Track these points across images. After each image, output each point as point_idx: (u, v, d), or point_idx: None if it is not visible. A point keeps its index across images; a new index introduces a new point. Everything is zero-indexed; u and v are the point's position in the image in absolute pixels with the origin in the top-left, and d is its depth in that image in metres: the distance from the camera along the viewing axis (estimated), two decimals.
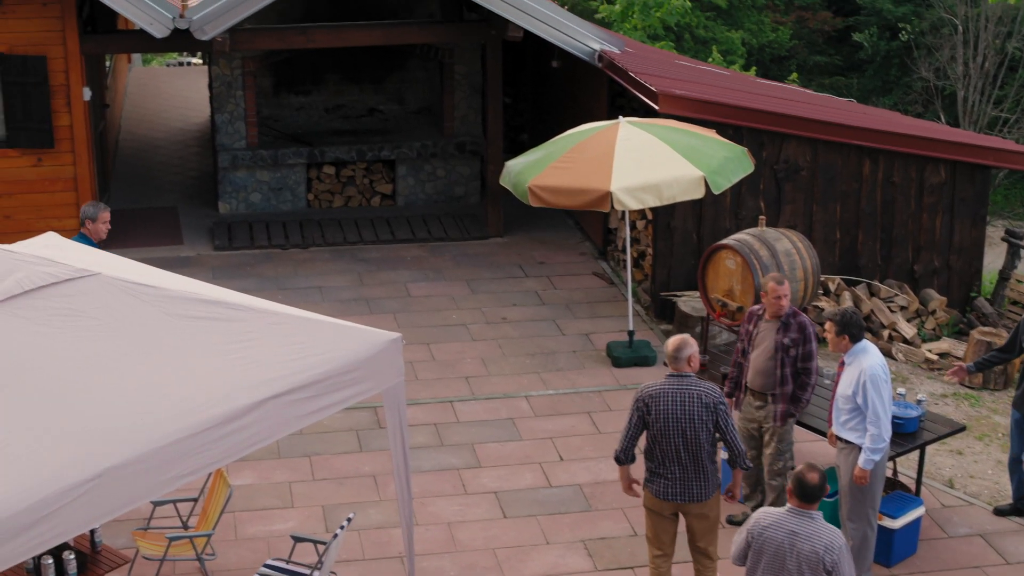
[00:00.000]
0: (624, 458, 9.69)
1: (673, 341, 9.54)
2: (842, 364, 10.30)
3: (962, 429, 11.60)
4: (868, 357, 10.13)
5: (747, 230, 12.32)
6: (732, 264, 11.99)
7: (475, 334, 15.14)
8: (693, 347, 9.54)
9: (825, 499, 10.94)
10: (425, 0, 18.92)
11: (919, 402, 11.45)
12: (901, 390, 11.85)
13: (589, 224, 17.82)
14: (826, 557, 8.00)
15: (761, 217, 13.35)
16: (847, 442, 10.27)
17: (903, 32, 40.13)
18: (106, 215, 11.80)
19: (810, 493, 8.15)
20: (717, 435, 9.55)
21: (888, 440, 10.16)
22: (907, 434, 11.12)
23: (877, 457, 10.10)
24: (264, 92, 19.03)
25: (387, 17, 18.64)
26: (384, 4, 18.75)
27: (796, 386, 10.72)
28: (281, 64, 18.94)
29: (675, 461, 9.52)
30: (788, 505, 8.24)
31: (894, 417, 10.92)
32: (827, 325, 10.23)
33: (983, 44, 38.30)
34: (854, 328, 10.16)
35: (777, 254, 11.89)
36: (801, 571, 8.07)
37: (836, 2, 44.11)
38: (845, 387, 10.20)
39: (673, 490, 9.58)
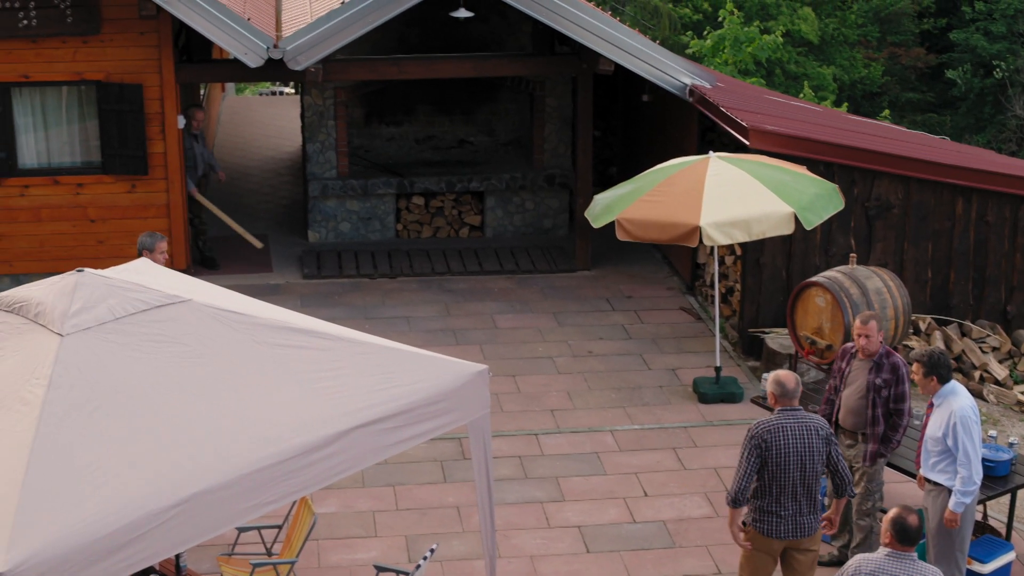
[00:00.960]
0: (742, 499, 9.57)
1: (787, 376, 9.49)
2: (931, 406, 10.17)
3: None
4: (957, 398, 9.99)
5: (837, 268, 12.21)
6: (822, 302, 11.88)
7: (561, 367, 15.12)
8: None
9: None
10: (516, 33, 18.98)
11: (1011, 445, 11.27)
12: (992, 432, 11.67)
13: (677, 259, 17.76)
14: None
15: (852, 255, 13.23)
16: (936, 484, 10.12)
17: (997, 69, 39.75)
18: (163, 245, 11.88)
19: (911, 535, 8.08)
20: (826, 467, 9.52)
21: (979, 483, 10.00)
22: (998, 477, 10.94)
23: (967, 500, 9.95)
24: (355, 122, 19.17)
25: (478, 49, 18.73)
26: (475, 36, 18.84)
27: (887, 427, 10.60)
28: (373, 95, 19.07)
29: (791, 496, 9.48)
30: (886, 549, 8.13)
31: (985, 460, 10.76)
32: (915, 366, 10.11)
33: None
34: (942, 369, 10.03)
35: (868, 292, 11.77)
36: None
37: (929, 39, 43.80)
38: (934, 429, 10.06)
39: (785, 527, 9.53)
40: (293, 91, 29.97)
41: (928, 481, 10.21)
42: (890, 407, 10.59)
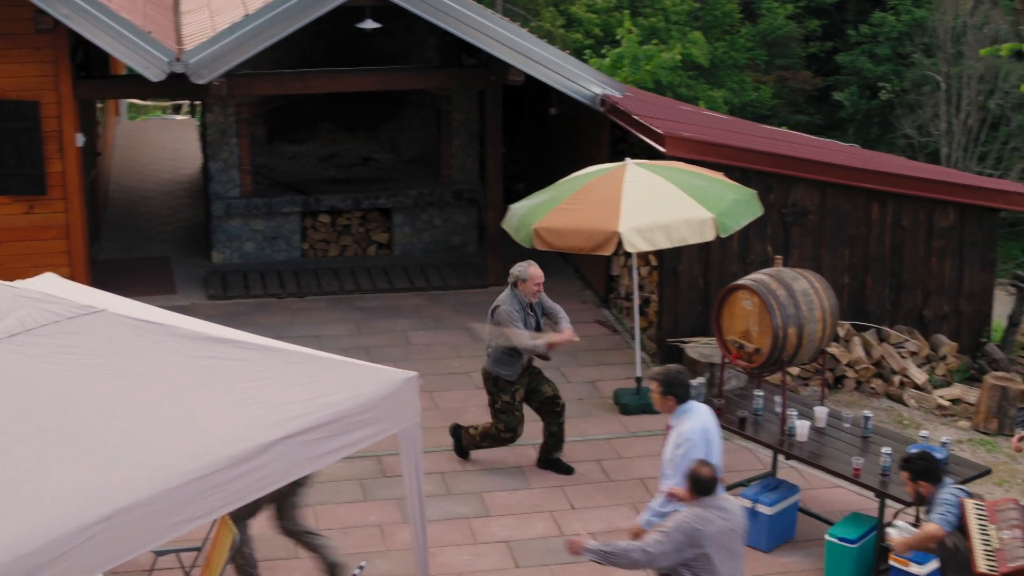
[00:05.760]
0: None
1: None
2: (669, 427, 9.82)
3: (988, 472, 11.29)
4: (689, 419, 9.64)
5: (764, 270, 12.06)
6: (749, 305, 11.69)
7: (478, 382, 14.73)
8: None
9: (850, 545, 10.70)
10: (422, 46, 18.71)
11: (944, 444, 11.15)
12: (924, 432, 11.59)
13: (590, 271, 17.55)
14: None
15: (777, 257, 13.10)
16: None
17: (883, 91, 40.35)
18: None
19: (706, 486, 8.63)
20: None
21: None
22: None
23: (656, 519, 9.45)
24: (257, 140, 18.78)
25: (384, 63, 18.44)
26: (380, 50, 18.54)
27: None
28: (275, 112, 18.71)
29: None
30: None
31: None
32: (652, 385, 9.76)
33: (966, 101, 38.47)
34: (679, 388, 9.67)
35: (795, 294, 11.61)
36: None
37: (816, 62, 44.33)
38: (668, 451, 9.66)
39: None
40: (187, 116, 29.45)
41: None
42: None
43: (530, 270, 12.37)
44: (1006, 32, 37.02)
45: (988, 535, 8.91)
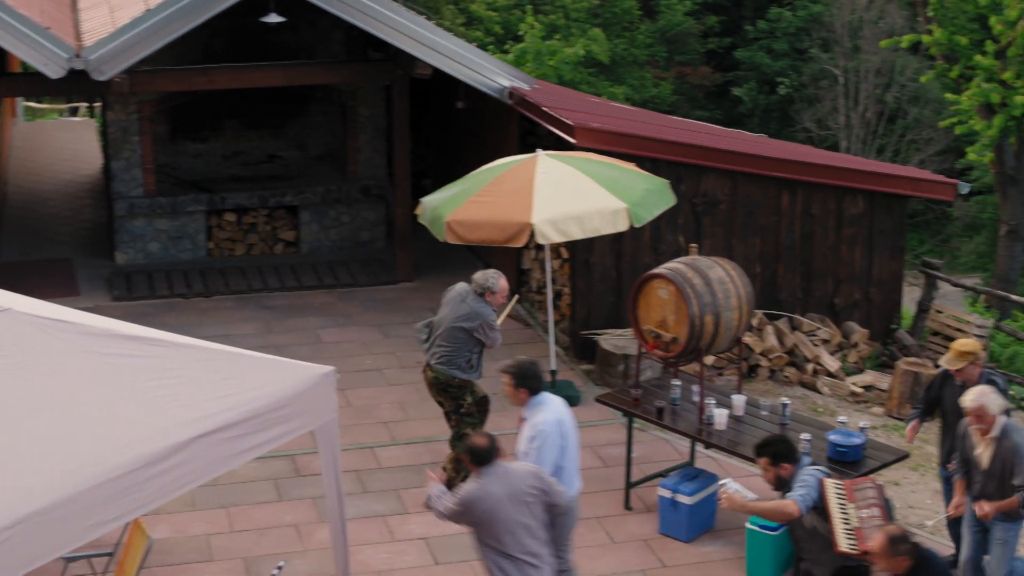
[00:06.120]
0: None
1: None
2: (522, 420, 9.66)
3: (906, 456, 11.34)
4: (543, 411, 9.48)
5: (679, 259, 12.01)
6: (665, 294, 11.64)
7: (391, 379, 14.67)
8: None
9: (770, 532, 10.67)
10: (327, 41, 18.47)
11: (862, 429, 11.16)
12: (842, 418, 11.60)
13: (500, 265, 17.33)
14: None
15: (692, 245, 13.07)
16: None
17: (781, 86, 40.70)
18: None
19: (481, 456, 8.64)
20: None
21: None
22: (851, 462, 10.82)
23: None
24: (160, 139, 18.43)
25: (288, 59, 18.17)
26: (284, 46, 18.27)
27: None
28: (178, 109, 18.38)
29: None
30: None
31: (837, 445, 10.70)
32: (505, 378, 9.57)
33: (863, 95, 38.89)
34: (532, 380, 9.49)
35: (711, 282, 11.58)
36: None
37: (715, 58, 44.63)
38: (521, 444, 9.49)
39: None
40: (87, 116, 28.95)
41: None
42: None
43: (500, 282, 12.03)
44: (902, 26, 37.49)
45: (847, 514, 8.90)
